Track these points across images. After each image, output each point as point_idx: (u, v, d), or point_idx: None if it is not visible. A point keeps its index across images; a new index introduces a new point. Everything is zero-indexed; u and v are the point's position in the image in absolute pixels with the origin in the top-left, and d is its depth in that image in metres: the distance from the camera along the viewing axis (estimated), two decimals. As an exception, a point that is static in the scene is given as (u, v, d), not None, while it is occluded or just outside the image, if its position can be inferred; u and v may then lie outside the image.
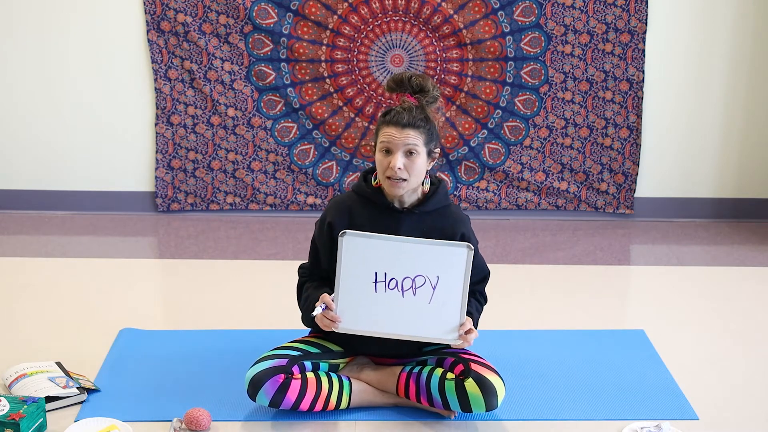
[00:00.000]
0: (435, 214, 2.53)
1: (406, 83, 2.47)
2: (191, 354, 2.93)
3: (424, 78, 2.48)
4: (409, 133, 2.42)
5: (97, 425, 2.45)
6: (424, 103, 2.47)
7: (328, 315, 2.46)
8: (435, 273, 2.44)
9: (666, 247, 4.17)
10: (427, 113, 2.47)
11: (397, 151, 2.42)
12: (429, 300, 2.45)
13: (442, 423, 2.54)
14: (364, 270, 2.45)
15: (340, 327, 2.48)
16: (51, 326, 3.17)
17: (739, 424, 2.56)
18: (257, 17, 4.22)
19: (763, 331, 3.20)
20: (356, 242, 2.43)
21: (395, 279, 2.45)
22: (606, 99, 4.34)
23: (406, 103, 2.46)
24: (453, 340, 2.46)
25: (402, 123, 2.42)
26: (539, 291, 3.59)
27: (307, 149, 4.43)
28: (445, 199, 2.56)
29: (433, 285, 2.44)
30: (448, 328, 2.45)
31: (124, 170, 4.50)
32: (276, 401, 2.47)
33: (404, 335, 2.48)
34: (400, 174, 2.42)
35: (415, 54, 4.29)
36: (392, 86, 2.50)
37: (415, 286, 2.45)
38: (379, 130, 2.47)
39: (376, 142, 2.49)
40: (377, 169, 2.49)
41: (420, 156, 2.44)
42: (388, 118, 2.45)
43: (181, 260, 3.92)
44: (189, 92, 4.34)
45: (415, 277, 2.45)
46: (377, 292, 2.46)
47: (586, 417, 2.57)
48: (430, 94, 2.48)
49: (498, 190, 4.47)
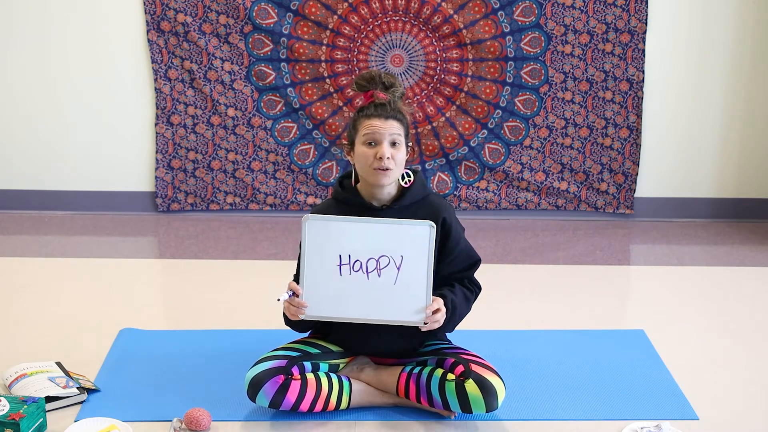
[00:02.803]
0: (414, 206, 2.55)
1: (377, 80, 2.52)
2: (191, 354, 2.93)
3: (392, 75, 2.54)
4: (393, 124, 2.47)
5: (97, 425, 2.45)
6: (396, 97, 2.52)
7: (294, 302, 2.46)
8: (399, 252, 2.43)
9: (666, 247, 4.17)
10: (400, 107, 2.52)
11: (384, 141, 2.46)
12: (394, 281, 2.44)
13: (442, 423, 2.54)
14: (328, 253, 2.44)
15: (307, 313, 2.47)
16: (51, 326, 3.17)
17: (739, 424, 2.56)
18: (257, 17, 4.22)
19: (763, 331, 3.20)
20: (319, 225, 2.44)
21: (359, 261, 2.45)
22: (606, 99, 4.34)
23: (379, 99, 2.50)
24: (420, 322, 2.45)
25: (385, 115, 2.47)
26: (539, 291, 3.59)
27: (307, 149, 4.43)
28: (423, 189, 2.57)
29: (398, 265, 2.44)
30: (414, 309, 2.44)
31: (124, 170, 4.50)
32: (276, 402, 2.47)
33: (372, 319, 2.46)
34: (388, 164, 2.45)
35: (415, 54, 4.29)
36: (363, 84, 2.53)
37: (380, 267, 2.45)
38: (359, 125, 2.49)
39: (353, 139, 2.51)
40: (359, 164, 2.50)
41: (402, 147, 2.49)
42: (368, 112, 2.49)
43: (181, 260, 3.92)
44: (189, 92, 4.34)
45: (379, 258, 2.44)
46: (342, 275, 2.45)
47: (586, 417, 2.57)
48: (399, 90, 2.53)
49: (498, 190, 4.47)
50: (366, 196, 2.54)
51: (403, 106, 2.54)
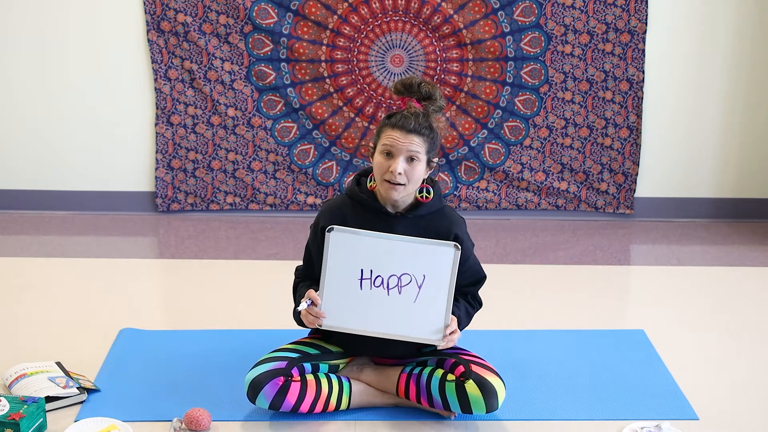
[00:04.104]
0: (429, 218, 2.52)
1: (415, 88, 2.44)
2: (191, 354, 2.93)
3: (432, 86, 2.45)
4: (413, 140, 2.40)
5: (97, 425, 2.45)
6: (430, 110, 2.45)
7: (313, 311, 2.45)
8: (421, 272, 2.43)
9: (666, 247, 4.17)
10: (432, 122, 2.44)
11: (399, 156, 2.40)
12: (414, 299, 2.44)
13: (442, 423, 2.54)
14: (350, 266, 2.44)
15: (325, 324, 2.47)
16: (51, 326, 3.17)
17: (739, 424, 2.56)
18: (257, 17, 4.22)
19: (763, 331, 3.20)
20: (343, 238, 2.43)
21: (381, 276, 2.44)
22: (606, 99, 4.34)
23: (412, 109, 2.43)
24: (437, 341, 2.45)
25: (408, 128, 2.40)
26: (539, 291, 3.59)
27: (307, 149, 4.43)
28: (439, 202, 2.54)
29: (419, 284, 2.44)
30: (433, 329, 2.45)
31: (124, 170, 4.49)
32: (276, 404, 2.47)
33: (389, 334, 2.47)
34: (399, 179, 2.41)
35: (415, 54, 4.29)
36: (400, 89, 2.46)
37: (401, 285, 2.45)
38: (382, 132, 2.44)
39: (376, 144, 2.46)
40: (375, 171, 2.46)
41: (420, 163, 2.43)
42: (393, 120, 2.42)
43: (181, 260, 3.92)
44: (189, 92, 4.34)
45: (401, 275, 2.44)
46: (362, 290, 2.45)
47: (586, 417, 2.57)
48: (437, 103, 2.45)
49: (498, 190, 4.47)
50: (381, 201, 2.52)
51: (435, 121, 2.45)
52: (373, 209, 2.51)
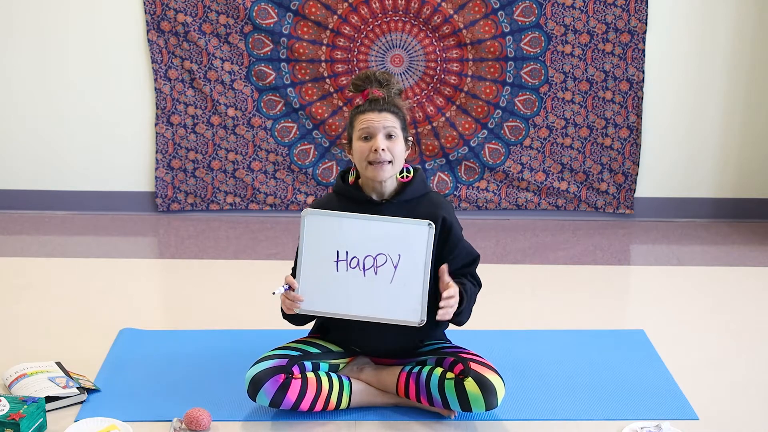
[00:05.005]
0: (414, 202, 2.54)
1: (372, 78, 2.52)
2: (191, 354, 2.93)
3: (387, 73, 2.55)
4: (387, 117, 2.48)
5: (97, 425, 2.45)
6: (392, 93, 2.53)
7: (290, 295, 2.46)
8: (396, 251, 2.43)
9: (666, 247, 4.17)
10: (397, 102, 2.53)
11: (378, 134, 2.46)
12: (391, 279, 2.44)
13: (442, 423, 2.54)
14: (325, 249, 2.44)
15: (302, 307, 2.47)
16: (51, 326, 3.17)
17: (739, 424, 2.56)
18: (257, 17, 4.22)
19: (763, 331, 3.20)
20: (318, 220, 2.44)
21: (357, 257, 2.44)
22: (606, 99, 4.34)
23: (374, 96, 2.51)
24: (415, 322, 2.45)
25: (378, 108, 2.48)
26: (539, 291, 3.59)
27: (307, 149, 4.43)
28: (424, 186, 2.57)
29: (395, 263, 2.44)
30: (410, 309, 2.44)
31: (124, 170, 4.50)
32: (276, 401, 2.47)
33: (366, 316, 2.46)
34: (383, 156, 2.45)
35: (415, 54, 4.29)
36: (359, 84, 2.54)
37: (377, 265, 2.45)
38: (354, 121, 2.50)
39: (350, 135, 2.52)
40: (356, 159, 2.50)
41: (399, 139, 2.49)
42: (362, 108, 2.50)
43: (181, 260, 3.92)
44: (189, 92, 4.34)
45: (377, 256, 2.44)
46: (339, 271, 2.45)
47: (586, 417, 2.57)
48: (395, 86, 2.54)
49: (498, 190, 4.47)
50: (366, 190, 2.54)
51: (399, 101, 2.54)
52: (359, 199, 2.53)
